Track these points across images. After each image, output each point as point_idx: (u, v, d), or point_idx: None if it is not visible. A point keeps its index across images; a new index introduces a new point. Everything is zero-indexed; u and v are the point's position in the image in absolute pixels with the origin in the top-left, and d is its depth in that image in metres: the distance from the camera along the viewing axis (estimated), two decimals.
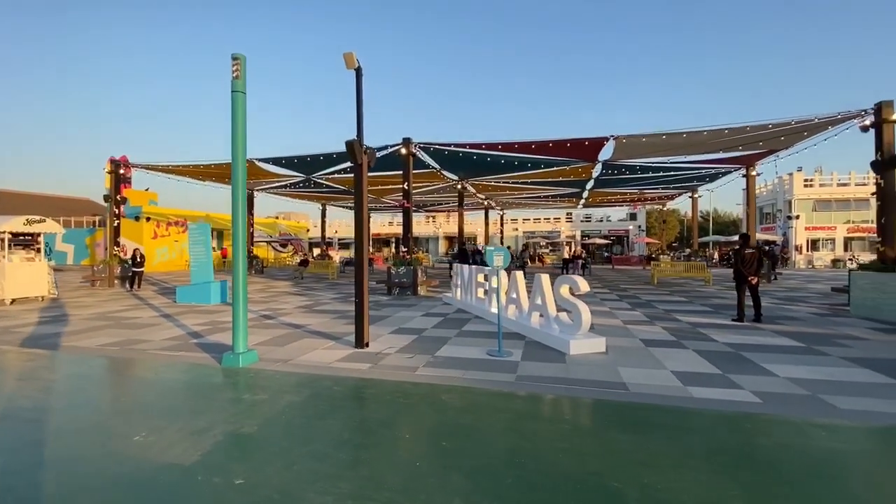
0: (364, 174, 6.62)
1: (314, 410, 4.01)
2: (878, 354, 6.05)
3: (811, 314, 9.56)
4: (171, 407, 4.12)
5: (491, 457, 3.11)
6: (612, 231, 43.08)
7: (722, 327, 8.03)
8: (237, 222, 5.71)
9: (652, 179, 19.58)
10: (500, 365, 5.58)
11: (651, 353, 6.16)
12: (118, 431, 3.55)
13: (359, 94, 6.52)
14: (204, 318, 9.33)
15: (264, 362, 5.76)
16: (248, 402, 4.21)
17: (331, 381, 4.89)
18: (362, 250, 6.57)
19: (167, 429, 3.59)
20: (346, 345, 6.75)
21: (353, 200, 27.41)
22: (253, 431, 3.54)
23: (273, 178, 18.65)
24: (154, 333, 7.71)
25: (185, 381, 4.98)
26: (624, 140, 12.24)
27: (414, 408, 4.11)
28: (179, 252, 28.97)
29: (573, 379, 4.99)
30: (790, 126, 11.26)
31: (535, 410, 4.10)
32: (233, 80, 5.64)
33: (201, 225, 12.13)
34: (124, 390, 4.68)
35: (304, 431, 3.55)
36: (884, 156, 10.43)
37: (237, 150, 5.66)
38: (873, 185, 29.38)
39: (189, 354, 6.21)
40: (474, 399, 4.37)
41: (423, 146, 13.78)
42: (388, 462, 3.04)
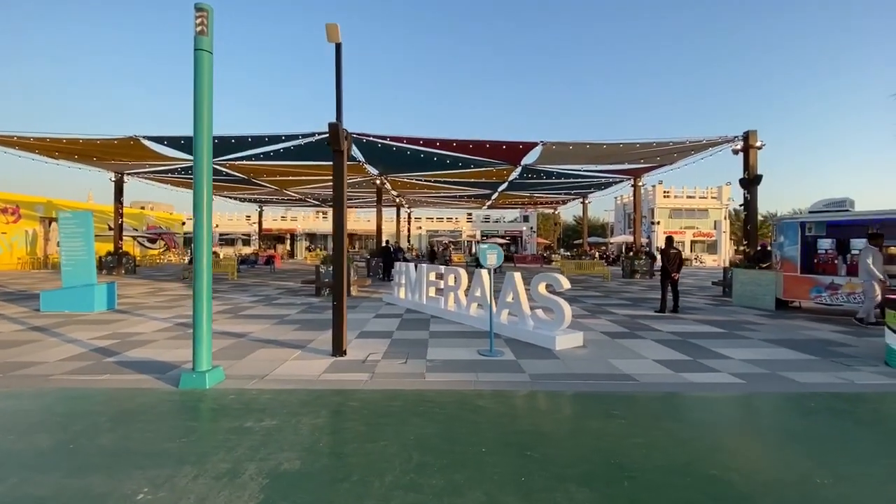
0: (345, 163, 5.92)
1: (352, 433, 3.43)
2: (782, 336, 7.38)
3: (705, 304, 11.32)
4: (156, 449, 3.14)
5: (587, 461, 2.99)
6: (507, 231, 45.93)
7: (655, 318, 9.04)
8: (201, 211, 4.66)
9: (558, 185, 21.28)
10: (501, 365, 5.47)
11: (622, 345, 6.64)
12: (107, 492, 2.58)
13: (338, 72, 5.81)
14: (98, 330, 7.45)
15: (233, 380, 4.80)
16: (258, 431, 3.42)
17: (340, 397, 4.26)
18: (342, 247, 5.88)
19: (175, 478, 2.73)
20: (317, 353, 5.99)
21: (250, 191, 24.69)
22: (298, 466, 2.88)
23: (159, 160, 15.73)
24: (40, 353, 5.90)
25: (149, 413, 3.84)
26: (553, 147, 13.06)
27: (461, 418, 3.78)
28: (9, 247, 22.90)
29: (581, 374, 5.11)
30: (685, 145, 13.20)
31: (582, 409, 4.08)
32: (196, 35, 4.58)
33: (79, 213, 9.65)
34: (74, 434, 3.39)
35: (363, 459, 3.00)
36: (749, 174, 12.82)
37: (201, 121, 4.64)
38: (710, 199, 35.88)
39: (120, 378, 4.87)
40: (514, 403, 4.19)
41: (356, 136, 12.95)
42: (493, 481, 2.72)
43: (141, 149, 13.77)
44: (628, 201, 42.65)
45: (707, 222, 38.00)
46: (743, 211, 13.34)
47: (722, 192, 37.70)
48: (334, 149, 5.81)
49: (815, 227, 9.61)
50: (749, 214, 12.95)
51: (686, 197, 37.94)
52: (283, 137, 12.86)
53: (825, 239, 9.70)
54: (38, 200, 24.82)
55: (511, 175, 18.58)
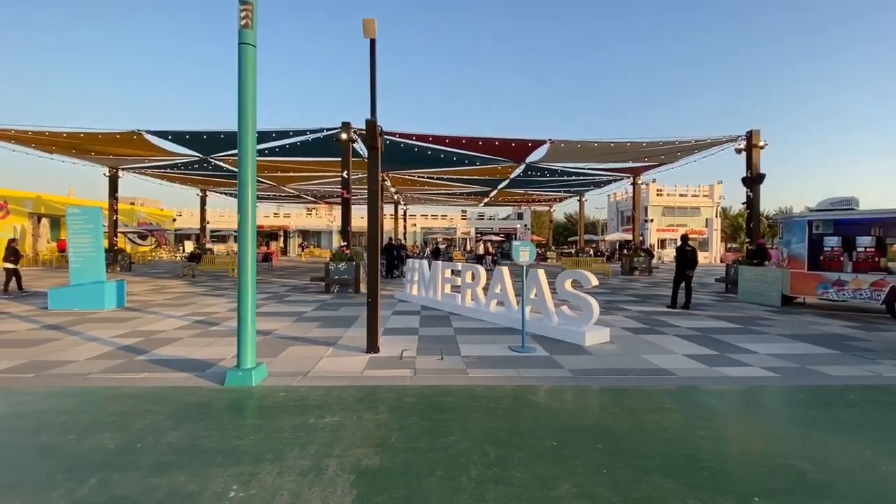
0: (379, 159, 5.89)
1: (418, 428, 3.43)
2: (797, 331, 7.57)
3: (712, 301, 11.54)
4: (228, 447, 3.11)
5: (661, 453, 3.06)
6: (501, 229, 46.09)
7: (668, 314, 9.19)
8: (246, 208, 4.61)
9: (558, 182, 21.44)
10: (537, 360, 5.53)
11: (647, 340, 6.75)
12: (197, 491, 2.56)
13: (372, 68, 5.77)
14: (116, 328, 7.32)
15: (276, 377, 4.77)
16: (323, 427, 3.42)
17: (391, 393, 4.26)
18: (377, 246, 5.86)
19: (259, 475, 2.72)
20: (350, 350, 5.98)
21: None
22: (379, 462, 2.88)
23: (160, 155, 15.43)
24: (65, 352, 5.78)
25: (205, 411, 3.78)
26: (562, 144, 13.16)
27: (519, 413, 3.82)
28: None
29: (619, 369, 5.20)
30: (690, 143, 13.41)
31: (633, 403, 4.13)
32: (240, 29, 4.52)
33: (88, 209, 9.43)
34: (137, 433, 3.29)
35: (440, 454, 3.01)
36: (752, 173, 13.09)
37: (246, 115, 4.56)
38: (702, 197, 36.45)
39: (160, 376, 4.80)
40: (565, 397, 4.25)
41: (363, 132, 12.86)
42: (577, 473, 2.76)
43: (142, 143, 13.50)
44: (621, 199, 43.18)
45: (699, 220, 38.64)
46: (745, 209, 13.59)
47: (713, 190, 38.41)
48: (370, 146, 5.78)
49: (822, 226, 9.87)
50: (752, 213, 13.22)
51: (679, 195, 38.56)
52: (290, 133, 12.73)
53: (831, 237, 9.94)
54: (27, 196, 24.15)
55: (513, 172, 18.67)
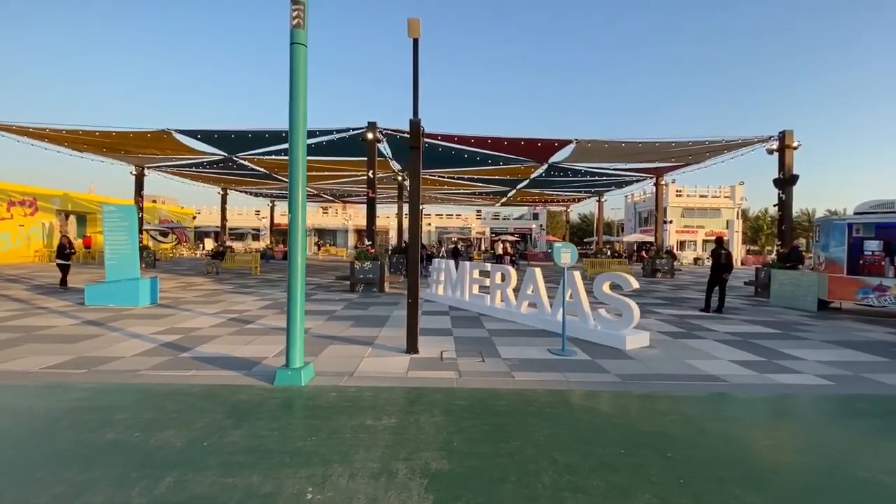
0: (420, 159, 5.87)
1: (479, 432, 3.39)
2: (839, 337, 7.36)
3: (743, 304, 11.29)
4: (292, 448, 3.11)
5: (735, 463, 2.97)
6: (516, 229, 45.85)
7: (703, 318, 9.02)
8: (296, 210, 4.61)
9: (579, 182, 21.24)
10: (581, 364, 5.45)
11: (687, 345, 6.62)
12: (273, 492, 2.55)
13: (415, 68, 5.75)
14: (154, 324, 7.42)
15: (322, 377, 4.78)
16: (383, 429, 3.40)
17: (442, 395, 4.23)
18: (417, 245, 5.85)
19: (332, 477, 2.70)
20: (389, 350, 5.97)
21: (268, 185, 24.58)
22: (448, 466, 2.85)
23: (187, 154, 15.66)
24: (110, 348, 5.87)
25: (262, 410, 3.78)
26: (588, 144, 13.00)
27: (577, 418, 3.76)
28: (26, 240, 22.84)
29: (667, 374, 5.10)
30: (720, 143, 13.15)
31: (692, 410, 4.05)
32: (292, 29, 4.52)
33: (123, 207, 9.60)
34: (200, 431, 3.28)
35: (507, 459, 2.96)
36: (785, 175, 12.78)
37: (297, 115, 4.56)
38: (723, 198, 35.83)
39: (208, 374, 4.84)
40: (620, 403, 4.18)
41: (390, 132, 12.89)
42: (653, 483, 2.69)
43: (171, 142, 13.70)
44: (639, 200, 42.64)
45: (719, 222, 37.97)
46: (778, 211, 13.27)
47: (735, 191, 37.68)
48: (413, 146, 5.76)
49: (862, 229, 9.59)
50: (784, 214, 12.92)
51: (699, 196, 37.93)
52: (317, 133, 12.80)
53: (872, 240, 9.65)
54: (55, 193, 24.73)
55: (535, 172, 18.55)
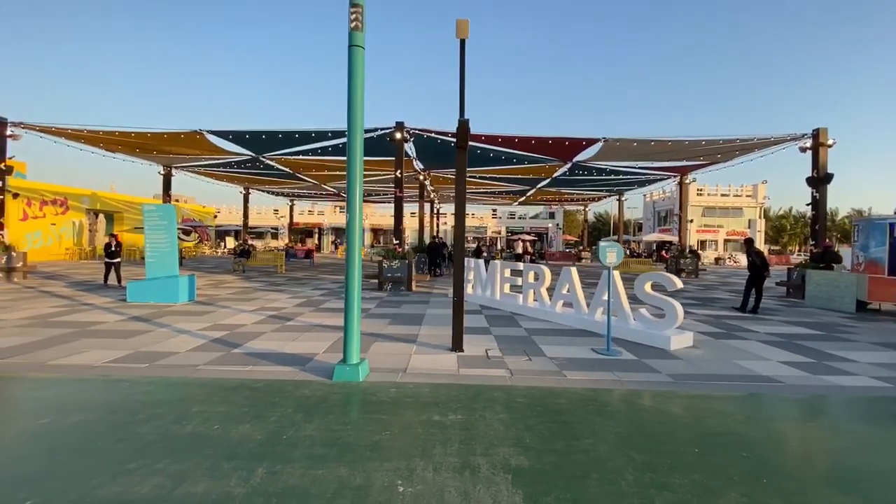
0: (466, 159, 5.91)
1: (548, 430, 3.41)
2: (886, 339, 7.19)
3: (777, 305, 11.09)
4: (369, 441, 3.17)
5: (817, 464, 2.97)
6: (532, 228, 45.66)
7: (741, 318, 8.89)
8: (353, 207, 4.68)
9: (601, 181, 21.07)
10: (630, 364, 5.44)
11: (731, 346, 6.54)
12: (364, 484, 2.61)
13: (462, 68, 5.79)
14: (199, 321, 7.59)
15: (376, 373, 4.85)
16: (451, 425, 3.44)
17: (500, 393, 4.26)
18: (462, 244, 5.89)
19: (416, 471, 2.75)
20: (433, 348, 6.02)
21: (289, 185, 24.89)
22: (528, 463, 2.88)
23: (216, 154, 15.95)
24: (163, 343, 6.03)
25: (328, 405, 3.85)
26: (617, 143, 12.90)
27: (643, 418, 3.76)
28: (57, 238, 23.47)
29: (719, 375, 5.06)
30: (752, 142, 12.94)
31: (756, 410, 4.03)
32: (350, 31, 4.59)
33: (163, 206, 9.83)
34: (276, 425, 3.34)
35: (584, 456, 2.99)
36: (819, 173, 12.52)
37: (355, 116, 4.63)
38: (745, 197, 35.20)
39: (265, 369, 4.95)
40: (683, 403, 4.17)
41: (417, 132, 12.96)
42: (735, 482, 2.69)
43: (203, 142, 13.96)
44: (658, 199, 42.12)
45: (741, 221, 37.32)
46: (811, 211, 13.01)
47: (757, 190, 36.96)
48: (459, 145, 5.80)
49: None
50: (818, 214, 12.66)
51: (720, 195, 37.32)
52: (346, 132, 12.90)
53: None
54: (84, 193, 25.37)
55: (557, 172, 18.45)
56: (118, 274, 11.88)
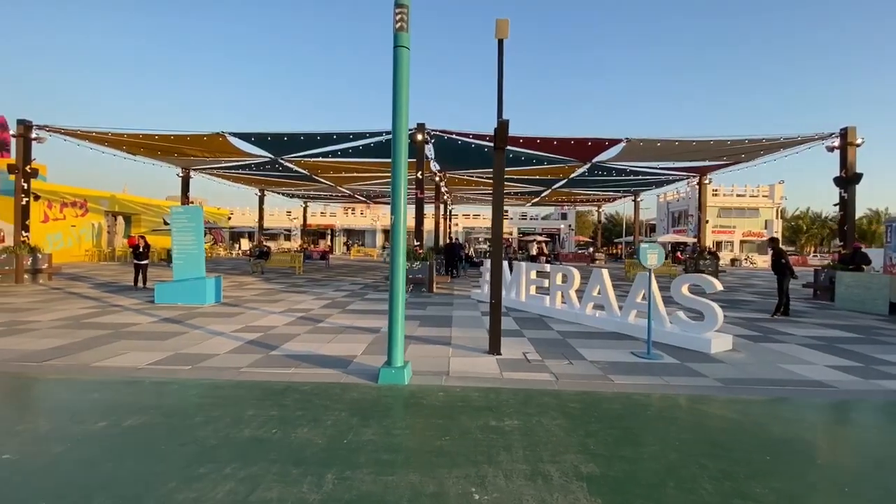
0: (503, 160, 5.86)
1: (609, 436, 3.35)
2: None
3: (807, 307, 10.89)
4: (432, 447, 3.13)
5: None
6: (544, 229, 45.44)
7: (772, 321, 8.73)
8: (398, 208, 4.65)
9: (618, 182, 20.88)
10: (674, 368, 5.34)
11: (771, 349, 6.42)
12: (439, 491, 2.57)
13: (500, 68, 5.74)
14: (230, 322, 7.61)
15: (419, 376, 4.80)
16: (510, 431, 3.38)
17: (551, 398, 4.20)
18: (499, 246, 5.83)
19: (487, 478, 2.70)
20: (470, 350, 5.97)
21: (305, 187, 24.99)
22: (598, 470, 2.82)
23: (236, 155, 16.05)
24: (200, 345, 6.04)
25: (380, 408, 3.83)
26: (640, 143, 12.77)
27: (702, 423, 3.68)
28: (77, 239, 23.81)
29: (768, 379, 4.94)
30: (778, 141, 12.73)
31: (818, 416, 3.96)
32: (395, 32, 4.57)
33: (190, 208, 9.91)
34: (335, 429, 3.30)
35: (654, 464, 2.91)
36: (847, 173, 12.28)
37: (399, 117, 4.60)
38: (761, 197, 34.67)
39: (308, 371, 4.93)
40: (741, 409, 4.07)
41: (437, 133, 12.93)
42: (819, 490, 2.61)
43: (225, 144, 14.06)
44: (672, 199, 41.68)
45: (757, 222, 36.78)
46: (839, 211, 12.76)
47: (774, 190, 36.41)
48: (499, 146, 5.75)
49: None
50: (846, 214, 12.41)
51: (736, 195, 36.84)
52: (367, 134, 12.95)
53: None
54: (103, 195, 25.73)
55: (575, 172, 18.32)
56: (144, 276, 11.99)
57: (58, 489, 2.54)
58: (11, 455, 2.93)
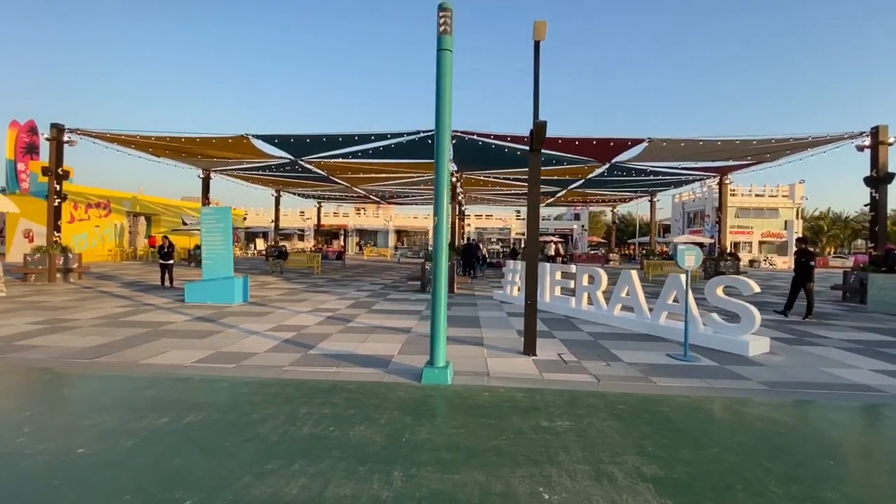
0: (538, 161, 5.88)
1: (665, 437, 3.35)
2: None
3: (837, 310, 10.70)
4: (490, 446, 3.16)
5: None
6: (557, 229, 45.23)
7: (805, 324, 8.60)
8: (441, 208, 4.69)
9: (635, 182, 20.70)
10: (713, 371, 5.30)
11: (809, 352, 6.34)
12: (507, 491, 2.60)
13: (536, 70, 5.75)
14: (262, 322, 7.73)
15: (460, 376, 4.84)
16: (563, 431, 3.40)
17: (597, 399, 4.20)
18: (536, 245, 5.85)
19: (552, 478, 2.72)
20: (505, 351, 6.00)
21: (321, 188, 25.22)
22: (662, 472, 2.82)
23: (257, 157, 16.26)
24: (240, 344, 6.15)
25: (429, 408, 3.88)
26: (663, 143, 12.66)
27: (757, 427, 3.64)
28: (101, 239, 24.31)
29: (816, 383, 4.88)
30: (806, 140, 12.53)
31: (885, 422, 3.88)
32: (439, 35, 4.61)
33: (219, 208, 10.07)
34: (391, 428, 3.37)
35: (717, 466, 2.91)
36: (878, 172, 12.04)
37: (443, 120, 4.64)
38: (781, 197, 34.08)
39: (350, 371, 5.00)
40: (792, 412, 4.05)
41: (460, 133, 12.95)
42: None
43: (248, 146, 14.25)
44: (688, 199, 41.23)
45: (776, 222, 36.19)
46: (870, 212, 12.51)
47: (794, 190, 35.79)
48: (535, 148, 5.76)
49: None
50: (878, 215, 12.17)
51: (754, 195, 36.29)
52: (388, 135, 13.03)
53: None
54: (125, 196, 26.23)
55: (593, 173, 18.22)
56: (171, 275, 12.22)
57: (137, 483, 2.61)
58: (85, 450, 3.03)
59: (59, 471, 2.74)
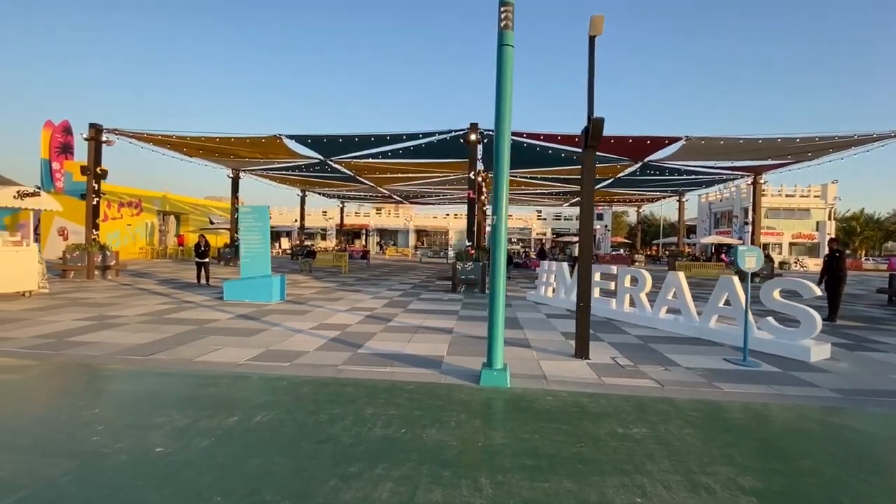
0: (593, 159, 5.75)
1: (746, 447, 3.20)
2: None
3: (885, 314, 10.27)
4: (569, 453, 3.07)
5: None
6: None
7: (858, 328, 8.29)
8: (500, 205, 4.61)
9: (665, 182, 20.28)
10: (778, 377, 5.10)
11: (871, 358, 6.08)
12: (598, 500, 2.50)
13: (591, 65, 5.62)
14: (304, 320, 7.76)
15: (517, 379, 4.75)
16: (641, 438, 3.28)
17: (667, 405, 4.06)
18: (590, 247, 5.72)
19: (646, 487, 2.62)
20: (555, 354, 5.89)
21: (347, 187, 25.40)
22: (759, 485, 2.69)
23: (288, 157, 16.44)
24: (288, 342, 6.17)
25: (495, 411, 3.83)
26: (702, 142, 12.33)
27: (837, 436, 3.48)
28: (133, 238, 24.93)
29: (891, 391, 4.65)
30: (851, 139, 12.05)
31: None
32: (500, 30, 4.53)
33: (257, 207, 10.18)
34: (462, 431, 3.36)
35: (811, 478, 2.76)
36: None
37: (503, 115, 4.55)
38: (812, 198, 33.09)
39: (404, 371, 4.96)
40: (875, 421, 3.84)
41: (490, 132, 12.84)
42: None
43: (280, 146, 14.41)
44: (714, 200, 40.26)
45: (808, 223, 35.04)
46: None
47: (827, 190, 34.58)
48: (591, 144, 5.63)
49: None
50: None
51: (785, 196, 35.19)
52: (419, 135, 13.00)
53: None
54: (155, 195, 26.85)
55: (623, 172, 17.90)
56: (207, 273, 12.43)
57: (224, 484, 2.59)
58: (164, 448, 3.03)
59: (141, 470, 2.73)
